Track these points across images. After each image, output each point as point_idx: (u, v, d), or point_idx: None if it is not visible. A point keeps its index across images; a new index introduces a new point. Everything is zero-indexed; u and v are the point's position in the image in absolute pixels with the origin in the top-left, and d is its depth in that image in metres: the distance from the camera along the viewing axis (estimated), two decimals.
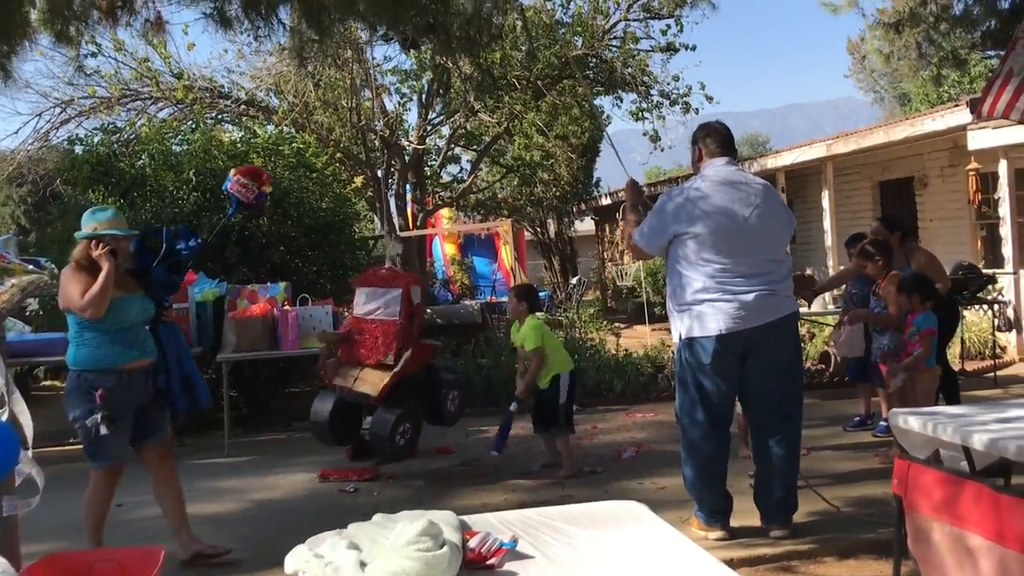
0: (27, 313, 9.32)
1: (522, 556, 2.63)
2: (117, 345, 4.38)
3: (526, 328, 6.06)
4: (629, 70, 13.70)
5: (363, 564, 2.46)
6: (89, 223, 4.48)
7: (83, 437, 4.42)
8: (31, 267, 4.39)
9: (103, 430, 4.28)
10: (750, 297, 4.30)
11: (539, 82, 13.45)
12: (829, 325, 9.09)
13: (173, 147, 9.67)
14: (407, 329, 6.14)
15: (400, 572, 2.36)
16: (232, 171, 7.61)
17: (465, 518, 2.90)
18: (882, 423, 6.60)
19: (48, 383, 11.18)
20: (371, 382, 6.06)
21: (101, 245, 4.36)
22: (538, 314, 6.31)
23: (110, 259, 4.34)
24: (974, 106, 9.92)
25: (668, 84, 14.27)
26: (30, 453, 3.75)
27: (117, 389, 4.36)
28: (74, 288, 4.32)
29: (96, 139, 9.82)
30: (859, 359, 6.77)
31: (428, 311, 11.74)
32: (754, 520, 4.62)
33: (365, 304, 6.23)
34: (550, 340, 6.16)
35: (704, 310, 4.34)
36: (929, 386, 5.62)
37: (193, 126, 10.88)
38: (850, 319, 6.29)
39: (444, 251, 19.00)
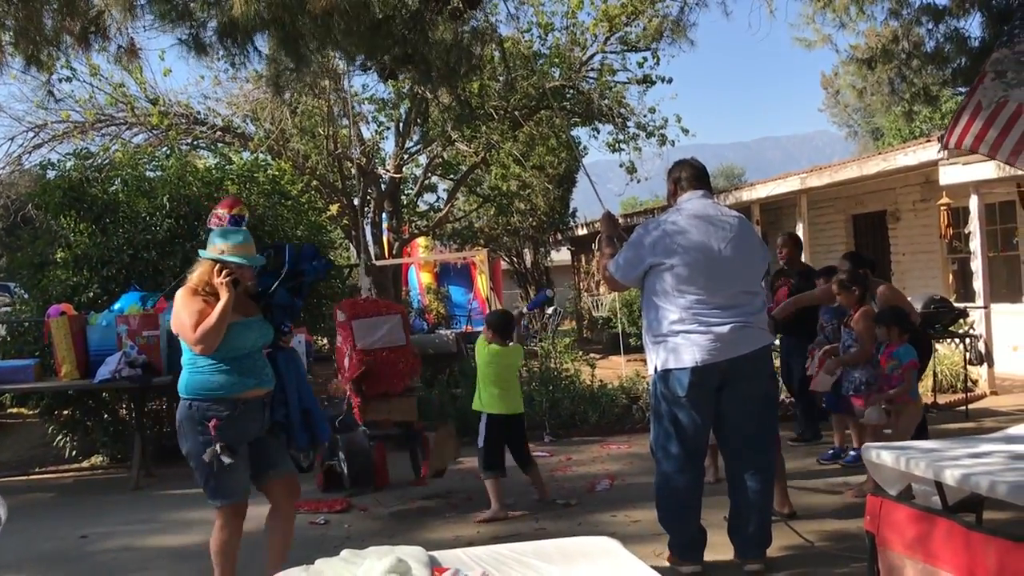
0: None
1: None
2: (233, 373, 3.99)
3: (514, 350, 6.06)
4: (606, 101, 13.82)
5: None
6: (216, 244, 4.08)
7: (200, 473, 4.03)
8: None
9: (225, 460, 3.89)
10: (725, 329, 4.30)
11: (516, 112, 13.53)
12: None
13: (147, 173, 9.61)
14: (415, 352, 6.28)
15: None
16: (212, 207, 7.72)
17: (435, 554, 2.86)
18: (852, 453, 6.65)
19: (15, 410, 10.98)
20: (404, 409, 6.31)
21: (224, 272, 3.99)
22: (510, 344, 6.15)
23: (231, 290, 3.96)
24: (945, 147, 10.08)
25: (644, 116, 14.41)
26: None
27: (232, 420, 3.98)
28: (188, 316, 3.95)
29: (69, 164, 9.74)
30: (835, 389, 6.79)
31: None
32: (728, 554, 4.59)
33: (368, 335, 6.24)
34: (489, 372, 5.97)
35: (679, 342, 4.34)
36: (913, 418, 5.63)
37: (168, 152, 10.82)
38: (827, 370, 6.24)
39: (420, 280, 18.95)
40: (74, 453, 8.79)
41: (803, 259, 9.01)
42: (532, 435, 7.44)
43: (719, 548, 4.62)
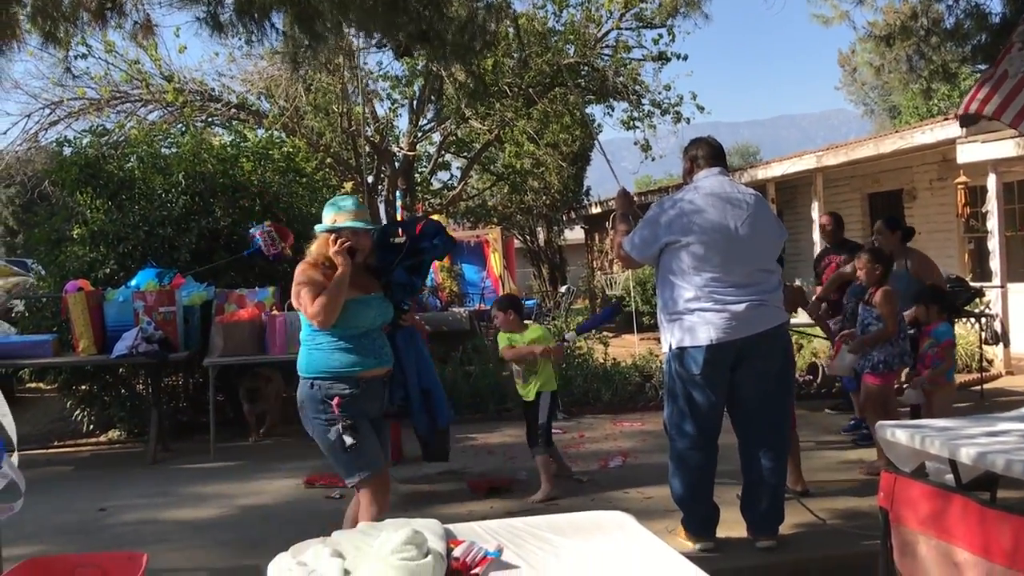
0: (13, 315, 9.25)
1: (506, 565, 2.61)
2: (354, 351, 3.88)
3: (539, 334, 5.95)
4: (621, 79, 13.76)
5: (347, 572, 2.44)
6: (328, 214, 3.99)
7: (330, 454, 3.93)
8: (16, 268, 4.27)
9: (348, 440, 3.78)
10: (741, 307, 4.29)
11: (530, 90, 13.48)
12: (818, 336, 9.10)
13: (162, 150, 9.63)
14: (423, 331, 6.23)
15: None
16: (267, 222, 7.93)
17: (450, 527, 2.88)
18: (851, 421, 7.10)
19: (33, 385, 11.10)
20: None
21: (339, 241, 3.89)
22: (528, 324, 6.18)
23: (347, 259, 3.87)
24: (964, 120, 9.98)
25: (659, 93, 14.35)
26: (15, 456, 3.71)
27: (354, 398, 3.87)
28: (306, 288, 3.85)
29: (85, 141, 9.77)
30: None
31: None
32: (740, 531, 4.61)
33: None
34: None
35: (694, 320, 4.34)
36: (947, 399, 5.61)
37: (183, 129, 10.84)
38: (851, 350, 6.18)
39: None
40: (92, 427, 8.88)
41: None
42: None
43: (732, 525, 4.64)
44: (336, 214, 3.95)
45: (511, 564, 2.63)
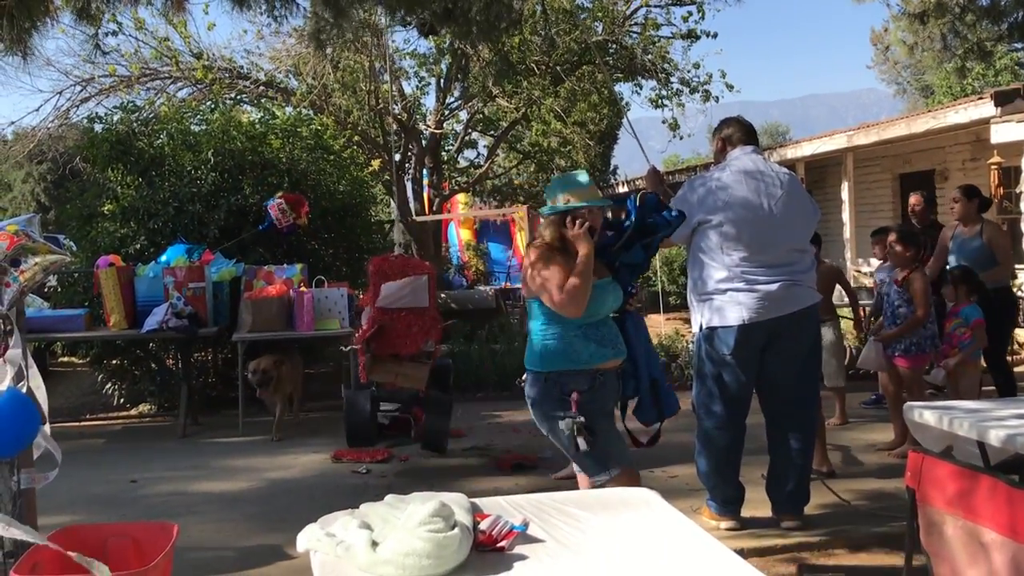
0: (45, 289, 9.39)
1: (532, 539, 2.63)
2: (591, 342, 3.61)
3: None
4: (649, 57, 13.63)
5: (374, 543, 2.47)
6: (559, 194, 3.70)
7: (571, 453, 3.67)
8: (54, 247, 4.32)
9: (583, 444, 3.50)
10: (773, 287, 4.27)
11: (558, 68, 13.40)
12: (845, 317, 9.02)
13: (192, 127, 9.70)
14: (437, 316, 6.14)
15: (411, 552, 2.37)
16: (279, 193, 7.89)
17: (476, 500, 2.91)
18: (872, 396, 7.33)
19: (66, 359, 11.28)
20: (413, 376, 5.99)
21: (579, 222, 3.60)
22: None
23: (590, 240, 3.58)
24: (999, 99, 9.81)
25: (688, 72, 14.19)
26: (47, 428, 3.78)
27: (592, 393, 3.60)
28: (551, 275, 3.55)
29: (116, 118, 9.84)
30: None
31: (443, 296, 11.76)
32: (765, 511, 4.61)
33: (391, 295, 6.09)
34: None
35: (726, 300, 4.32)
36: (973, 380, 5.57)
37: (212, 106, 10.90)
38: (880, 339, 6.07)
39: (460, 236, 18.99)
40: (123, 401, 9.02)
41: (845, 218, 8.90)
42: None
43: (757, 504, 4.64)
44: (570, 193, 3.66)
45: (537, 538, 2.65)
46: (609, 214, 3.94)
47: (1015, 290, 9.99)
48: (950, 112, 11.63)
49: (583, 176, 3.76)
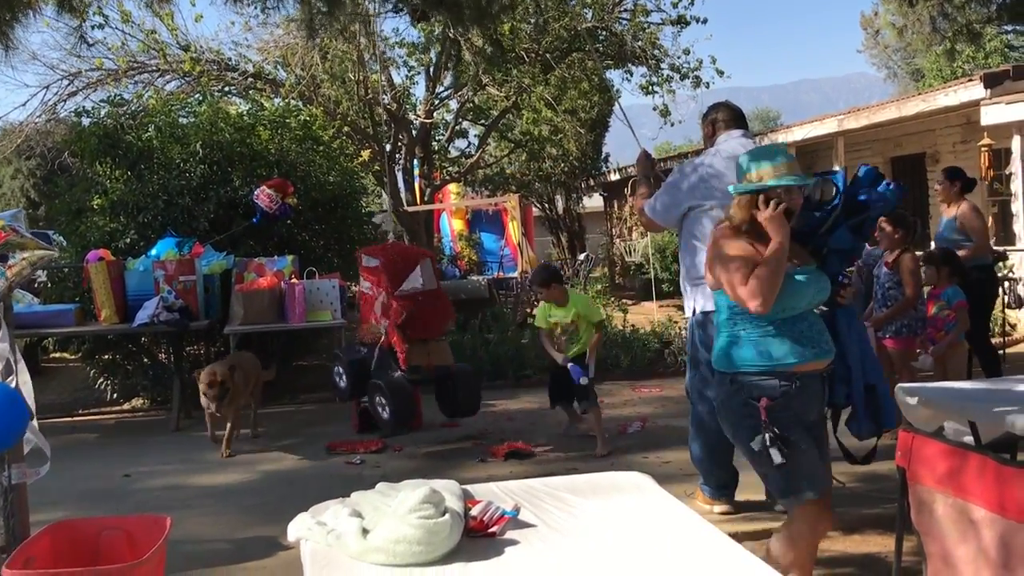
0: (36, 285, 9.35)
1: (524, 524, 2.63)
2: (786, 340, 3.10)
3: (583, 302, 6.01)
4: (639, 43, 13.60)
5: (365, 531, 2.47)
6: (751, 171, 3.17)
7: (758, 466, 3.21)
8: (42, 243, 4.28)
9: (776, 457, 3.02)
10: None
11: (548, 55, 13.36)
12: None
13: (180, 119, 9.65)
14: (447, 298, 6.37)
15: (402, 539, 2.37)
16: (261, 183, 7.89)
17: (468, 487, 2.91)
18: None
19: (57, 355, 11.24)
20: (442, 354, 6.39)
21: (773, 203, 3.09)
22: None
23: (784, 226, 3.08)
24: (988, 80, 9.81)
25: (679, 58, 14.17)
26: (35, 423, 3.77)
27: (787, 399, 3.09)
28: (734, 263, 3.11)
29: (103, 111, 9.79)
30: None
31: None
32: (759, 494, 4.61)
33: (410, 281, 6.26)
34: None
35: None
36: (961, 361, 5.57)
37: (200, 99, 10.85)
38: (873, 324, 6.09)
39: (452, 227, 18.97)
40: (115, 396, 9.00)
41: None
42: None
43: (750, 489, 4.64)
44: (762, 169, 3.13)
45: (528, 523, 2.65)
46: (819, 194, 3.39)
47: (1007, 271, 10.05)
48: (940, 95, 11.64)
49: (781, 151, 3.24)
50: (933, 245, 6.59)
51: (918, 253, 6.08)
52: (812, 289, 3.17)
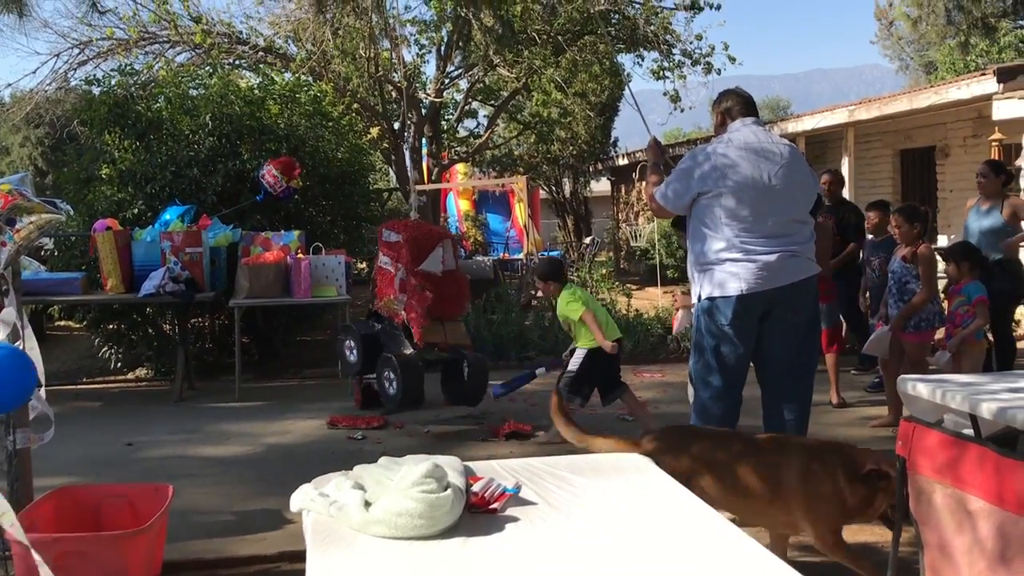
0: (42, 252, 9.38)
1: (524, 502, 2.65)
2: None
3: (562, 303, 5.94)
4: (652, 27, 13.53)
5: (367, 503, 2.49)
6: None
7: None
8: (49, 207, 4.27)
9: None
10: (772, 258, 4.26)
11: (559, 37, 13.30)
12: None
13: (190, 91, 9.64)
14: (465, 278, 6.53)
15: (403, 512, 2.39)
16: (268, 161, 7.86)
17: (470, 464, 2.93)
18: (875, 380, 7.17)
19: (63, 323, 11.28)
20: (458, 334, 6.46)
21: None
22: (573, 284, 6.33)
23: None
24: (1001, 75, 9.76)
25: (691, 43, 14.10)
26: (42, 391, 3.79)
27: None
28: None
29: (113, 81, 9.78)
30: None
31: None
32: None
33: (434, 260, 6.28)
34: (593, 304, 6.05)
35: (725, 271, 4.31)
36: (978, 359, 5.53)
37: (210, 71, 10.83)
38: (892, 328, 5.94)
39: (458, 207, 18.97)
40: (120, 365, 9.04)
41: (844, 194, 8.97)
42: None
43: None
44: None
45: (529, 500, 2.67)
46: None
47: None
48: (952, 88, 11.56)
49: None
50: (942, 240, 6.55)
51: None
52: None
